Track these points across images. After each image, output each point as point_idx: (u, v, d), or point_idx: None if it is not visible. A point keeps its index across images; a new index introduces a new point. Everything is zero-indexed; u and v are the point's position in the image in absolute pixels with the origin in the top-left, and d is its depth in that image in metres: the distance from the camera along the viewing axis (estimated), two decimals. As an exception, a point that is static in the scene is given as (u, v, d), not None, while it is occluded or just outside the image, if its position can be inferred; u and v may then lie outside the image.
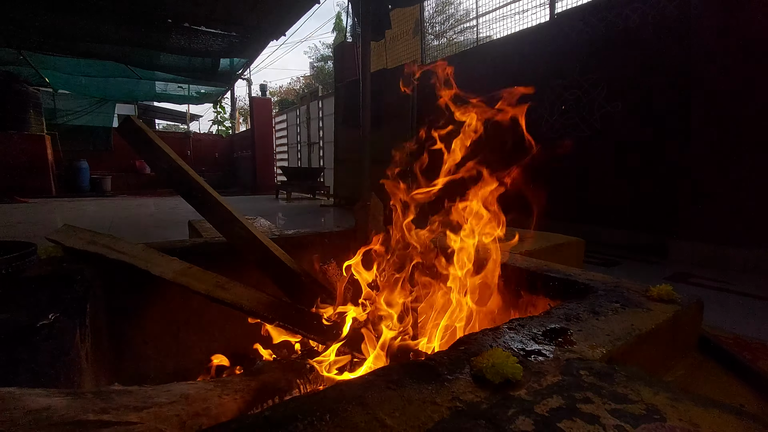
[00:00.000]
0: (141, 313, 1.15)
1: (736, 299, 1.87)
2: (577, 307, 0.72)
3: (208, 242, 1.29)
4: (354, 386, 0.44)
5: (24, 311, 0.62)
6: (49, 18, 5.56)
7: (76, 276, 0.80)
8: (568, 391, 0.43)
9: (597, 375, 0.47)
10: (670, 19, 2.76)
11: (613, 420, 0.38)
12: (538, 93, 3.65)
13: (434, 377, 0.46)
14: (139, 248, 1.05)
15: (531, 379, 0.46)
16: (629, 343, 0.59)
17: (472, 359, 0.49)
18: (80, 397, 0.32)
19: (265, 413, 0.39)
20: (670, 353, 0.72)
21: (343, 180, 6.49)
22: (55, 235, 1.06)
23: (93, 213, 5.23)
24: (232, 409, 0.49)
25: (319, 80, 24.69)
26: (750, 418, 0.41)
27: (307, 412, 0.39)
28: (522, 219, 3.11)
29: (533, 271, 0.98)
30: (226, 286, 0.99)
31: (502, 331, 0.59)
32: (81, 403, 0.31)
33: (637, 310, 0.72)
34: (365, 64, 4.69)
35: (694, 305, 0.78)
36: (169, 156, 1.21)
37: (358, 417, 0.38)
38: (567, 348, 0.55)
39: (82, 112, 10.32)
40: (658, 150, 2.90)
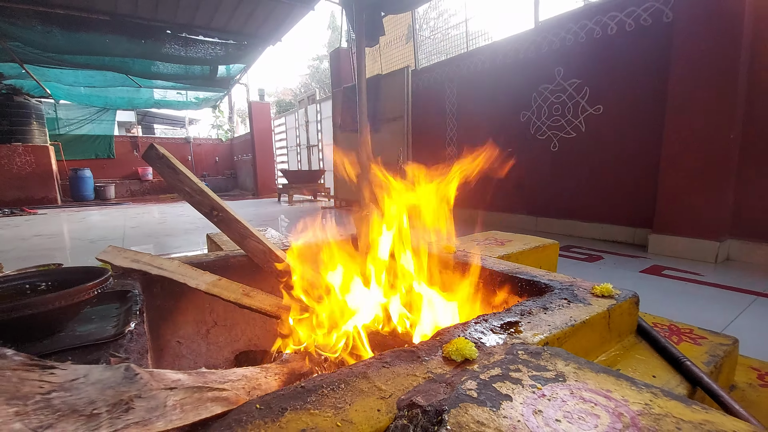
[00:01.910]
0: (176, 317, 1.34)
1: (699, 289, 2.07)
2: (533, 304, 0.91)
3: (229, 255, 1.48)
4: (359, 366, 0.64)
5: (110, 321, 0.82)
6: (53, 35, 5.73)
7: (134, 290, 1.00)
8: (506, 364, 0.63)
9: (529, 354, 0.66)
10: (644, 27, 2.94)
11: (530, 381, 0.57)
12: (527, 96, 3.85)
13: (415, 359, 0.66)
14: (175, 264, 1.25)
15: (483, 358, 0.65)
16: (564, 331, 0.78)
17: (443, 346, 0.68)
18: (189, 374, 0.52)
19: (301, 384, 0.59)
20: (606, 337, 0.91)
21: (343, 182, 6.68)
22: (104, 256, 1.26)
23: (103, 223, 5.41)
24: (274, 385, 0.69)
25: (315, 79, 24.78)
26: (633, 381, 0.60)
27: (328, 383, 0.58)
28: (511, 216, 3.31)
29: (506, 273, 1.18)
30: (251, 294, 1.19)
31: (468, 324, 0.79)
32: (193, 377, 0.51)
33: (579, 305, 0.92)
34: (360, 71, 4.85)
35: (629, 300, 0.97)
36: (191, 179, 1.41)
37: (363, 384, 0.58)
38: (515, 336, 0.74)
39: (84, 122, 10.50)
40: (638, 149, 3.09)
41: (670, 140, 2.76)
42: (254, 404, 0.53)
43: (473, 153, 1.14)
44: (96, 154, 10.85)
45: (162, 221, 5.44)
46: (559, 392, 0.55)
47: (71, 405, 0.32)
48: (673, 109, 2.73)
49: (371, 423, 0.51)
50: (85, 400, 0.34)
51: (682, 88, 2.67)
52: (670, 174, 2.77)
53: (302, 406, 0.53)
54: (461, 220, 4.77)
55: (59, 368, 0.34)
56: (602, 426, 0.48)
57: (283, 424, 0.50)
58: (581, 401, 0.53)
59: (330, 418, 0.51)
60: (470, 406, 0.51)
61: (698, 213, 2.64)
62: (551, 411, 0.51)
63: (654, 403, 0.53)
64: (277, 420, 0.50)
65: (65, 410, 0.31)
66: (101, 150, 10.91)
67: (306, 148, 9.84)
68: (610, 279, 2.21)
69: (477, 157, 1.13)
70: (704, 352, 0.93)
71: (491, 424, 0.48)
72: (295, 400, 0.55)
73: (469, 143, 4.73)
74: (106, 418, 0.34)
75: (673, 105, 2.73)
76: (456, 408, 0.51)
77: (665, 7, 2.80)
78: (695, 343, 0.98)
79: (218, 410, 0.49)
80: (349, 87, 5.83)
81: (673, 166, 2.74)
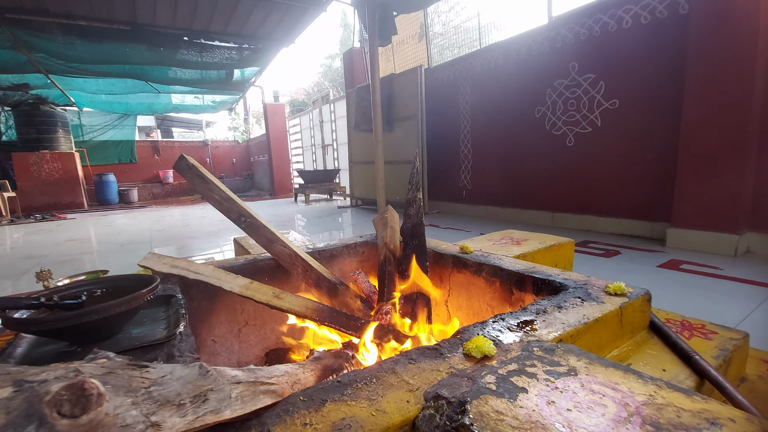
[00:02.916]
0: (211, 318, 1.44)
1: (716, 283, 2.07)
2: (548, 303, 0.97)
3: (257, 259, 1.57)
4: (388, 362, 0.71)
5: (160, 324, 0.91)
6: (76, 46, 5.95)
7: (177, 294, 1.09)
8: (523, 360, 0.69)
9: (544, 350, 0.72)
10: (660, 20, 2.92)
11: (544, 376, 0.63)
12: (541, 92, 3.85)
13: (438, 355, 0.72)
14: (210, 269, 1.34)
15: (501, 355, 0.71)
16: (577, 328, 0.84)
17: (464, 343, 0.75)
18: (243, 370, 0.60)
19: (338, 379, 0.66)
20: (618, 334, 0.96)
21: (358, 181, 6.76)
22: (145, 262, 1.35)
23: (129, 227, 5.62)
24: (311, 380, 0.77)
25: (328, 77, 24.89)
26: (639, 374, 0.66)
27: (362, 378, 0.65)
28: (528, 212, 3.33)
29: (522, 273, 1.23)
30: (281, 296, 1.27)
31: (487, 323, 0.85)
32: (246, 373, 0.59)
33: (593, 303, 0.96)
34: (374, 71, 4.90)
35: (641, 297, 1.02)
36: (220, 188, 1.49)
37: (392, 379, 0.65)
38: (530, 334, 0.80)
39: (106, 128, 10.85)
40: (655, 143, 3.07)
41: (687, 134, 2.74)
42: (298, 396, 0.61)
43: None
44: (119, 159, 11.20)
45: (185, 224, 5.62)
46: (570, 385, 0.61)
47: (165, 396, 0.40)
48: (690, 102, 2.71)
49: (402, 412, 0.58)
50: (173, 392, 0.41)
51: (698, 80, 2.65)
52: (687, 167, 2.75)
53: (340, 398, 0.60)
54: (478, 216, 4.80)
55: (151, 367, 0.42)
56: (609, 414, 0.54)
57: (324, 413, 0.57)
58: (590, 393, 0.59)
59: (365, 408, 0.58)
60: (490, 398, 0.58)
61: (716, 206, 2.62)
62: (563, 401, 0.57)
63: (658, 394, 0.59)
64: (319, 410, 0.57)
65: (162, 401, 0.39)
66: (124, 155, 11.25)
67: (321, 148, 9.96)
68: (627, 274, 2.25)
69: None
70: (714, 346, 0.97)
71: (509, 413, 0.54)
72: (333, 392, 0.62)
73: (483, 140, 4.74)
74: (190, 407, 0.42)
75: (690, 98, 2.71)
76: (477, 399, 0.57)
77: (681, -2, 2.78)
78: (706, 338, 1.02)
79: (269, 401, 0.57)
80: (363, 87, 5.89)
81: (691, 160, 2.73)
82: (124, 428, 0.32)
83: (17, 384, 0.28)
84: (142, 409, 0.36)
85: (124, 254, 3.67)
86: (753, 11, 2.39)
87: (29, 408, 0.26)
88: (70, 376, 0.30)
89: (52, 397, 0.27)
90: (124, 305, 0.79)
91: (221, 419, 0.46)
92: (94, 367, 0.34)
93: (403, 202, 1.61)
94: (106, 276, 1.05)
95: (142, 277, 0.99)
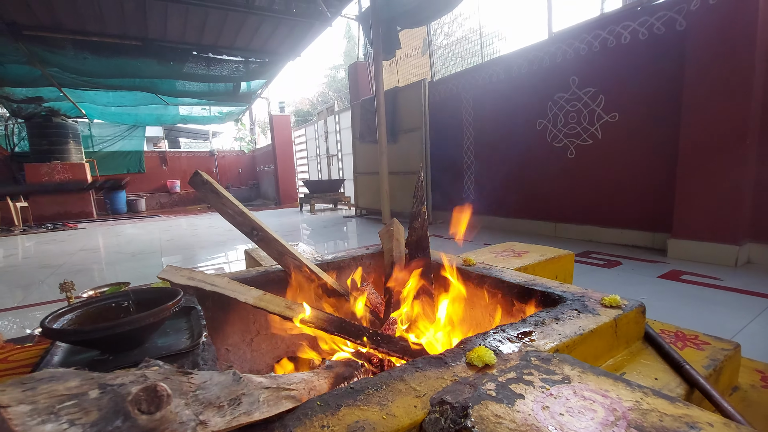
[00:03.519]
0: (225, 327, 1.50)
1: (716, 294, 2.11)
2: (546, 314, 1.02)
3: (269, 271, 1.64)
4: (396, 370, 0.77)
5: (184, 334, 0.98)
6: (89, 60, 6.12)
7: (196, 306, 1.16)
8: (521, 369, 0.74)
9: (541, 360, 0.78)
10: (658, 36, 2.99)
11: (540, 383, 0.69)
12: (542, 105, 3.93)
13: (443, 364, 0.78)
14: (225, 281, 1.40)
15: (501, 364, 0.77)
16: (573, 339, 0.89)
17: (466, 353, 0.81)
18: (266, 377, 0.66)
19: (350, 386, 0.72)
20: (613, 344, 1.01)
21: (363, 191, 6.84)
22: (164, 274, 1.42)
23: (139, 237, 5.72)
24: (325, 387, 0.83)
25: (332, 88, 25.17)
26: (628, 383, 0.71)
27: (372, 385, 0.71)
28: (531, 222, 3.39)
29: (522, 285, 1.29)
30: (292, 306, 1.33)
31: (488, 334, 0.91)
32: (269, 380, 0.65)
33: (589, 315, 1.02)
34: (378, 85, 5.01)
35: (635, 309, 1.07)
36: (233, 203, 1.57)
37: (401, 386, 0.71)
38: (529, 344, 0.86)
39: (116, 138, 11.05)
40: (655, 154, 3.12)
41: (685, 146, 2.80)
42: (315, 402, 0.67)
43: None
44: (128, 169, 11.39)
45: (194, 234, 5.71)
46: (564, 392, 0.67)
47: (208, 399, 0.46)
48: (688, 115, 2.77)
49: (410, 416, 0.64)
50: (214, 395, 0.48)
51: (696, 94, 2.71)
52: (687, 179, 2.80)
53: (353, 403, 0.66)
54: (482, 227, 4.85)
55: (195, 373, 0.48)
56: (597, 418, 0.60)
57: (340, 417, 0.63)
58: (582, 399, 0.65)
59: (377, 412, 0.64)
60: (490, 403, 0.64)
61: (716, 217, 2.66)
62: (556, 407, 0.63)
63: (643, 400, 0.64)
64: (335, 414, 0.64)
65: (206, 402, 0.45)
66: (132, 165, 11.45)
67: (326, 158, 10.08)
68: (627, 285, 2.29)
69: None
70: (706, 356, 1.02)
71: (507, 417, 0.60)
72: (347, 398, 0.68)
73: (486, 151, 4.81)
74: (228, 409, 0.48)
75: (687, 111, 2.77)
76: (478, 404, 0.63)
77: (678, 15, 2.85)
78: (698, 348, 1.07)
79: (290, 405, 0.63)
80: (368, 99, 6.00)
81: (690, 171, 2.78)
82: (181, 425, 0.39)
83: (101, 387, 0.35)
84: (192, 410, 0.42)
85: (135, 263, 3.76)
86: (749, 28, 2.46)
87: (115, 406, 0.33)
88: (141, 381, 0.37)
89: (133, 397, 0.33)
90: (153, 317, 0.86)
91: (252, 420, 0.52)
92: (155, 373, 0.40)
93: (406, 212, 1.68)
94: (132, 288, 1.12)
95: (165, 289, 1.06)
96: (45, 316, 0.86)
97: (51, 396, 0.32)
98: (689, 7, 2.68)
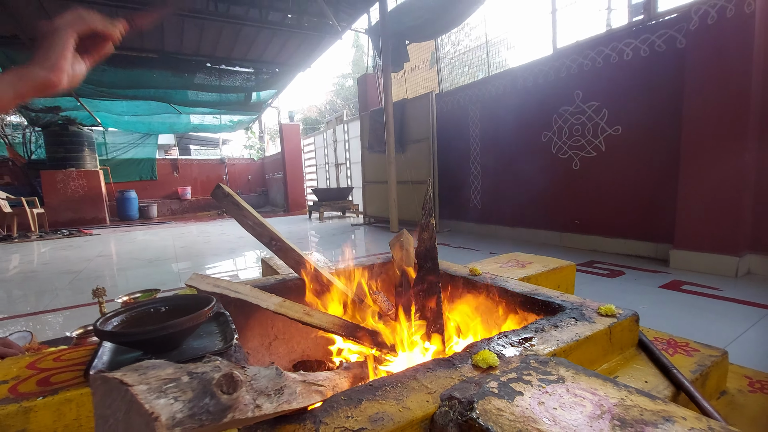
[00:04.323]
0: (245, 332, 1.61)
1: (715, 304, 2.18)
2: (546, 322, 1.11)
3: (286, 279, 1.74)
4: (409, 371, 0.86)
5: (216, 337, 1.08)
6: (108, 72, 6.33)
7: (224, 311, 1.26)
8: (521, 370, 0.84)
9: (539, 362, 0.87)
10: (659, 53, 3.09)
11: (538, 383, 0.79)
12: (547, 118, 4.03)
13: (451, 366, 0.88)
14: (248, 288, 1.51)
15: (503, 366, 0.87)
16: (570, 345, 0.98)
17: (472, 356, 0.90)
18: (297, 374, 0.76)
19: (369, 383, 0.82)
20: (608, 350, 1.10)
21: (371, 200, 6.96)
22: (191, 282, 1.53)
23: (153, 243, 5.87)
24: (345, 385, 0.92)
25: (340, 96, 25.44)
26: (615, 383, 0.80)
27: (389, 383, 0.81)
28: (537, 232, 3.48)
29: (525, 295, 1.38)
30: (311, 313, 1.43)
31: (492, 339, 1.00)
32: (300, 376, 0.75)
33: (585, 323, 1.11)
34: (387, 97, 5.14)
35: (629, 318, 1.16)
36: (252, 214, 1.67)
37: (414, 384, 0.81)
38: (529, 348, 0.95)
39: (129, 146, 11.31)
40: (657, 167, 3.20)
41: (686, 159, 2.87)
42: (339, 396, 0.77)
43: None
44: (140, 176, 11.64)
45: (207, 241, 5.85)
46: (558, 390, 0.76)
47: (259, 388, 0.56)
48: (689, 129, 2.85)
49: (423, 409, 0.73)
50: (263, 386, 0.58)
51: (695, 109, 2.79)
52: (687, 191, 2.88)
53: (373, 398, 0.76)
54: (488, 235, 4.93)
55: (247, 367, 0.59)
56: (586, 412, 0.69)
57: (362, 409, 0.73)
58: (573, 396, 0.74)
59: (394, 406, 0.74)
60: (493, 399, 0.73)
61: (717, 229, 2.73)
62: (551, 402, 0.72)
63: (627, 398, 0.73)
64: (357, 406, 0.73)
65: (259, 391, 0.55)
66: (145, 172, 11.70)
67: (334, 166, 10.23)
68: (629, 294, 2.37)
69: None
70: (694, 362, 1.10)
71: (507, 410, 0.70)
72: (367, 393, 0.78)
73: (492, 162, 4.91)
74: (274, 397, 0.58)
75: (688, 126, 2.85)
76: (482, 399, 0.73)
77: (678, 34, 2.95)
78: (688, 354, 1.15)
79: (318, 399, 0.73)
80: (376, 110, 6.14)
81: (691, 183, 2.85)
82: (245, 405, 0.49)
83: (189, 374, 0.45)
84: (251, 395, 0.52)
85: (152, 270, 3.89)
86: (745, 47, 2.55)
87: (204, 387, 0.43)
88: (217, 370, 0.47)
89: (216, 381, 0.43)
90: (192, 321, 0.97)
91: (291, 408, 0.62)
92: (224, 365, 0.51)
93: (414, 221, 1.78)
94: (169, 297, 1.23)
95: (198, 296, 1.17)
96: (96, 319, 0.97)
97: (158, 379, 0.42)
98: (689, 26, 2.78)
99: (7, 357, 1.18)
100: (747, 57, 2.56)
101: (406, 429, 0.70)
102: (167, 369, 0.45)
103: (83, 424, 0.84)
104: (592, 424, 0.66)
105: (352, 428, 0.69)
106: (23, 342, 1.53)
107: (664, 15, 3.05)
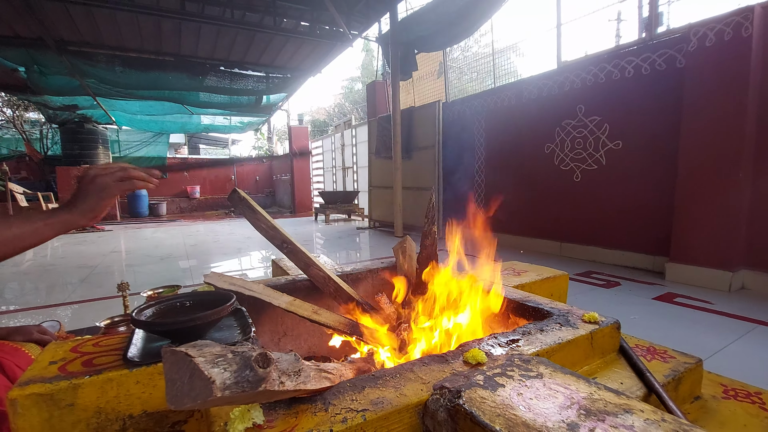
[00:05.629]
0: (257, 327, 1.73)
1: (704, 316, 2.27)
2: (533, 326, 1.22)
3: (296, 279, 1.86)
4: (407, 365, 0.98)
5: (235, 330, 1.21)
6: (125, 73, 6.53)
7: (241, 307, 1.39)
8: (505, 367, 0.95)
9: (522, 361, 0.98)
10: (659, 71, 3.19)
11: (519, 377, 0.90)
12: (550, 130, 4.13)
13: (444, 361, 0.99)
14: (261, 287, 1.63)
15: (490, 362, 0.98)
16: (552, 347, 1.09)
17: (464, 353, 1.02)
18: (309, 362, 0.88)
19: (372, 373, 0.93)
20: (590, 354, 1.20)
21: (376, 204, 7.08)
22: (209, 279, 1.66)
23: (164, 241, 6.03)
24: (350, 375, 1.03)
25: (348, 99, 25.64)
26: (587, 380, 0.91)
27: (389, 374, 0.93)
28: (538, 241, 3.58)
29: (518, 301, 1.49)
30: (319, 312, 1.55)
31: (483, 339, 1.12)
32: (312, 363, 0.87)
33: (569, 328, 1.22)
34: (395, 105, 5.27)
35: (611, 325, 1.26)
36: (266, 218, 1.79)
37: (411, 375, 0.92)
38: (515, 349, 1.06)
39: (142, 144, 11.54)
40: (655, 181, 3.29)
41: (684, 174, 2.97)
42: (345, 383, 0.88)
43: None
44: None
45: (216, 240, 6.00)
46: (536, 384, 0.87)
47: (282, 369, 0.68)
48: (686, 146, 2.94)
49: (418, 396, 0.85)
50: (285, 367, 0.70)
51: (693, 127, 2.89)
52: (684, 206, 2.97)
53: (374, 385, 0.88)
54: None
55: (272, 352, 0.71)
56: (557, 402, 0.80)
57: (365, 394, 0.84)
58: (549, 389, 0.85)
59: (393, 392, 0.85)
60: (478, 389, 0.84)
61: (711, 243, 2.82)
62: (528, 393, 0.83)
63: (596, 393, 0.84)
64: (361, 392, 0.85)
65: (282, 371, 0.67)
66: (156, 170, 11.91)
67: (341, 170, 10.38)
68: (622, 305, 2.46)
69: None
70: (668, 368, 1.21)
71: (490, 399, 0.81)
72: (369, 382, 0.89)
73: (495, 171, 5.02)
74: (293, 377, 0.70)
75: (685, 142, 2.95)
76: (469, 389, 0.84)
77: (678, 54, 3.05)
78: (664, 360, 1.26)
79: (328, 384, 0.85)
80: (384, 117, 6.27)
81: (688, 199, 2.94)
82: (273, 380, 0.61)
83: (233, 352, 0.57)
84: (276, 373, 0.64)
85: (165, 266, 4.03)
86: (742, 68, 2.64)
87: (245, 362, 0.55)
88: (253, 350, 0.59)
89: (254, 357, 0.55)
90: (216, 314, 1.09)
91: (307, 389, 0.74)
92: (257, 347, 0.63)
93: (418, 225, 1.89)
94: (193, 292, 1.35)
95: (218, 292, 1.29)
96: (132, 310, 1.10)
97: (211, 354, 0.54)
98: (688, 47, 2.88)
99: (45, 342, 1.31)
100: (743, 78, 2.65)
101: (402, 412, 0.82)
102: (216, 347, 0.57)
103: (122, 401, 0.96)
104: (561, 412, 0.77)
105: (356, 409, 0.81)
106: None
107: (664, 36, 3.16)
